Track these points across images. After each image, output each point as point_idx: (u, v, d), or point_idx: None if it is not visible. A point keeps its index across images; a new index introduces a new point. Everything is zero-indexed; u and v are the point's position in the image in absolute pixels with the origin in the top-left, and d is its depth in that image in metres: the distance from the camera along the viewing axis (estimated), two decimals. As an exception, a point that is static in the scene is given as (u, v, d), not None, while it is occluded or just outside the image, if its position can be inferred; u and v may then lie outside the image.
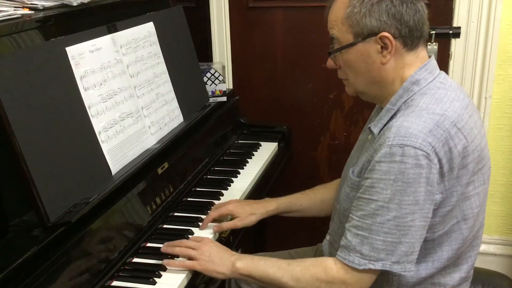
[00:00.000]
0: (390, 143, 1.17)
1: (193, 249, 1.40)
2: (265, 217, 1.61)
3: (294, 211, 1.65)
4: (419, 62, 1.28)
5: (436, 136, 1.17)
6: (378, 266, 1.20)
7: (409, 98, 1.26)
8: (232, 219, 1.60)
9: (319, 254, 1.58)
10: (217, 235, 1.57)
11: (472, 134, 1.23)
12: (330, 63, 1.36)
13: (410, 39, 1.25)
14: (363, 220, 1.21)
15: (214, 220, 1.59)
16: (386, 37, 1.22)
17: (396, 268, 1.20)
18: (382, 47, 1.24)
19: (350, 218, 1.26)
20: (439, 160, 1.17)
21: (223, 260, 1.37)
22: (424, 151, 1.15)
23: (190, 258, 1.39)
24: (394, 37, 1.23)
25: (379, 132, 1.28)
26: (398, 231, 1.18)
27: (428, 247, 1.27)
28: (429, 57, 1.32)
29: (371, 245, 1.20)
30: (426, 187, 1.16)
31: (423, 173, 1.15)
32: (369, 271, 1.22)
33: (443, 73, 1.32)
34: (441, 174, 1.18)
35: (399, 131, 1.18)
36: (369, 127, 1.32)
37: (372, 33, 1.23)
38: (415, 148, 1.15)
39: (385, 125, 1.27)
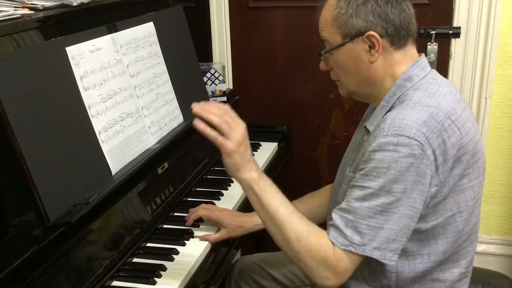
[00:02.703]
0: (385, 133, 1.19)
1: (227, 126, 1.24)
2: (252, 231, 1.60)
3: None
4: (409, 60, 1.30)
5: (430, 128, 1.18)
6: (359, 250, 1.20)
7: (402, 94, 1.28)
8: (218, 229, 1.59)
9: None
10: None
11: (466, 127, 1.25)
12: (322, 65, 1.38)
13: (397, 38, 1.28)
14: (350, 203, 1.22)
15: (199, 219, 1.60)
16: (373, 36, 1.25)
17: (376, 255, 1.20)
18: (369, 46, 1.27)
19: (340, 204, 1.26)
20: (433, 152, 1.18)
21: (247, 161, 1.24)
22: (418, 141, 1.16)
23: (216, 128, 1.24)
24: (381, 36, 1.26)
25: (375, 127, 1.29)
26: (382, 216, 1.19)
27: (421, 238, 1.28)
28: (419, 55, 1.34)
29: (355, 228, 1.20)
30: (416, 176, 1.17)
31: (415, 162, 1.17)
32: (350, 254, 1.21)
33: (434, 70, 1.34)
34: (436, 166, 1.19)
35: (394, 122, 1.19)
36: (365, 126, 1.33)
37: (359, 33, 1.26)
38: (410, 138, 1.16)
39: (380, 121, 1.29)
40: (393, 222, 1.19)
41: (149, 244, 1.50)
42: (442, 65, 2.28)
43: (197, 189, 1.82)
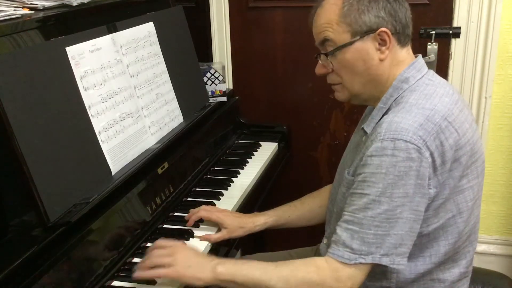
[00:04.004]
0: (381, 137, 1.18)
1: (165, 255, 1.29)
2: (253, 232, 1.60)
3: (283, 224, 1.64)
4: (410, 59, 1.31)
5: (427, 130, 1.18)
6: (368, 260, 1.19)
7: (399, 96, 1.28)
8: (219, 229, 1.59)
9: (318, 254, 1.58)
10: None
11: (464, 127, 1.24)
12: (319, 69, 1.36)
13: (403, 36, 1.29)
14: (354, 214, 1.21)
15: (200, 219, 1.60)
16: (385, 32, 1.26)
17: (385, 261, 1.19)
18: (379, 44, 1.27)
19: (342, 214, 1.25)
20: (431, 154, 1.18)
21: (202, 265, 1.27)
22: (415, 145, 1.16)
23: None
24: (392, 33, 1.27)
25: (371, 130, 1.29)
26: (388, 223, 1.18)
27: (423, 241, 1.27)
28: (416, 56, 1.34)
29: (362, 239, 1.19)
30: (416, 180, 1.17)
31: (414, 166, 1.16)
32: (360, 266, 1.21)
33: (431, 71, 1.34)
34: (434, 168, 1.19)
35: (390, 126, 1.19)
36: (362, 128, 1.33)
37: (370, 30, 1.26)
38: (406, 141, 1.16)
39: (376, 123, 1.29)
40: (399, 227, 1.18)
41: (149, 244, 1.50)
42: (442, 65, 2.28)
43: (197, 189, 1.82)
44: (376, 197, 1.18)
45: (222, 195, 1.78)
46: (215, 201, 1.73)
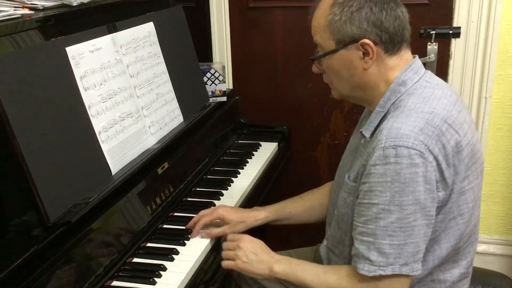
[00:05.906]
0: (382, 145, 1.18)
1: (231, 249, 1.44)
2: (254, 226, 1.60)
3: (283, 219, 1.65)
4: (404, 64, 1.29)
5: (427, 134, 1.17)
6: (388, 271, 1.19)
7: (397, 99, 1.27)
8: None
9: (318, 255, 1.59)
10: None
11: (463, 129, 1.24)
12: (315, 68, 1.38)
13: (391, 45, 1.26)
14: (366, 225, 1.21)
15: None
16: (367, 44, 1.24)
17: (405, 270, 1.19)
18: (363, 54, 1.25)
19: (354, 225, 1.25)
20: (435, 158, 1.17)
21: (261, 264, 1.40)
22: (417, 150, 1.15)
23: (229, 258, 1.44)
24: (375, 44, 1.24)
25: (371, 135, 1.29)
26: (403, 232, 1.18)
27: (427, 245, 1.27)
28: (414, 57, 1.33)
29: (378, 250, 1.19)
30: (425, 185, 1.17)
31: (419, 171, 1.16)
32: (383, 278, 1.20)
33: (428, 72, 1.33)
34: (440, 171, 1.19)
35: (391, 132, 1.18)
36: (361, 131, 1.33)
37: (353, 40, 1.25)
38: (408, 148, 1.15)
39: (376, 128, 1.28)
40: (415, 235, 1.18)
41: (149, 244, 1.50)
42: (442, 65, 2.28)
43: (197, 189, 1.82)
44: (386, 206, 1.17)
45: (222, 195, 1.78)
46: (215, 201, 1.73)
